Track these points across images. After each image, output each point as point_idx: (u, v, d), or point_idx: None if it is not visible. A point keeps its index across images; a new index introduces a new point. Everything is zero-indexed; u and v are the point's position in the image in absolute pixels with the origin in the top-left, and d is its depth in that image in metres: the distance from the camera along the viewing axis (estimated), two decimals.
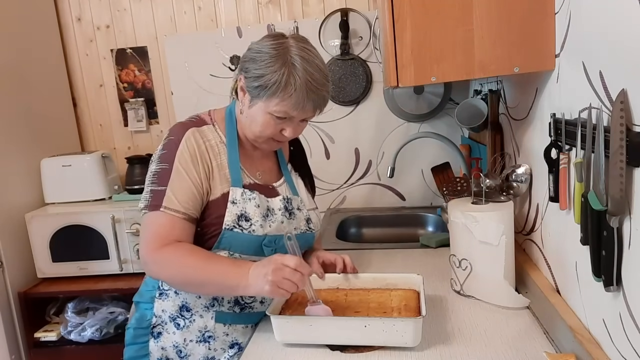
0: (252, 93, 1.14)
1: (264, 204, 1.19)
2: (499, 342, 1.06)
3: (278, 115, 1.13)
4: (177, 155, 1.13)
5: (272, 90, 1.09)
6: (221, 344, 1.24)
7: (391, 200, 2.42)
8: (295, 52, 1.10)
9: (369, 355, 1.06)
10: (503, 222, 1.18)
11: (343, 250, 1.76)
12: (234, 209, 1.15)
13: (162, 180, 1.12)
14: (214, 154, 1.18)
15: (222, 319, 1.22)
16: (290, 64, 1.08)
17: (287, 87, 1.08)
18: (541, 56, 1.07)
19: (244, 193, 1.17)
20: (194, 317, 1.22)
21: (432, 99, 2.25)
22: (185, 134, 1.15)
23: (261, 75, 1.09)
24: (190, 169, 1.13)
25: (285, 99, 1.09)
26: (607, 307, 0.84)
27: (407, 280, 1.24)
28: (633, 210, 0.74)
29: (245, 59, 1.15)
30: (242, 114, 1.19)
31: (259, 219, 1.16)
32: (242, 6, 2.37)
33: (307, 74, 1.09)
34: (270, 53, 1.10)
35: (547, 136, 1.08)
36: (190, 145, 1.14)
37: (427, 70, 1.12)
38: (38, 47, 2.32)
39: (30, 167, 2.21)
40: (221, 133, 1.21)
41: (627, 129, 0.72)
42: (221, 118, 1.24)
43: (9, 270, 2.03)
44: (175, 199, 1.10)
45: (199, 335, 1.23)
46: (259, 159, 1.28)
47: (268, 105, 1.12)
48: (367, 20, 2.26)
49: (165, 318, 1.23)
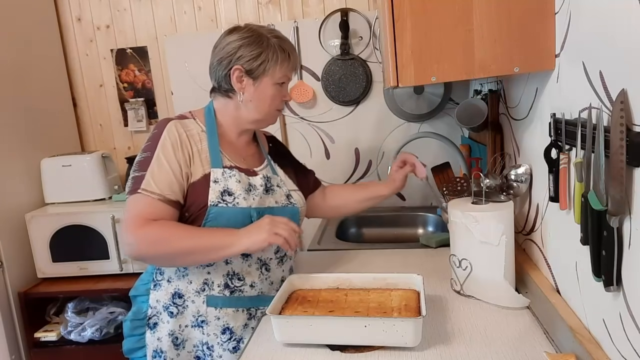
0: (255, 73, 1.24)
1: (244, 180, 1.26)
2: (499, 342, 1.06)
3: (281, 82, 1.28)
4: (159, 144, 1.20)
5: (274, 59, 1.24)
6: (214, 328, 1.27)
7: (391, 200, 2.42)
8: (263, 29, 1.27)
9: (369, 355, 1.06)
10: (503, 222, 1.18)
11: (343, 250, 1.77)
12: (217, 186, 1.22)
13: (143, 167, 1.19)
14: (194, 141, 1.25)
15: (213, 303, 1.26)
16: (270, 37, 1.25)
17: (280, 53, 1.25)
18: (541, 56, 1.07)
19: (224, 172, 1.24)
20: (186, 302, 1.26)
21: (432, 99, 2.25)
22: (167, 126, 1.23)
23: (260, 53, 1.23)
24: (170, 155, 1.19)
25: (284, 64, 1.26)
26: (607, 307, 0.84)
27: (407, 280, 1.24)
28: (633, 210, 0.74)
29: (231, 52, 1.24)
30: (245, 102, 1.27)
31: (242, 192, 1.23)
32: (242, 6, 2.37)
33: (284, 40, 1.28)
34: (252, 36, 1.24)
35: (547, 136, 1.08)
36: (172, 134, 1.22)
37: (427, 70, 1.12)
38: (38, 47, 2.32)
39: (30, 167, 2.21)
40: (201, 124, 1.29)
41: (627, 129, 0.72)
42: (200, 114, 1.32)
43: (9, 270, 2.03)
44: (153, 181, 1.17)
45: (193, 320, 1.27)
46: (243, 146, 1.36)
47: (274, 76, 1.26)
48: (367, 20, 2.26)
49: (160, 308, 1.27)
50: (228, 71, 1.25)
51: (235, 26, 1.29)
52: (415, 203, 2.39)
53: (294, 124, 2.41)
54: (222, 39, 1.27)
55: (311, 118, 2.39)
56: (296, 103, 2.37)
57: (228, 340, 1.28)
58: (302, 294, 1.24)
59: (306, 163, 2.41)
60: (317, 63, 2.33)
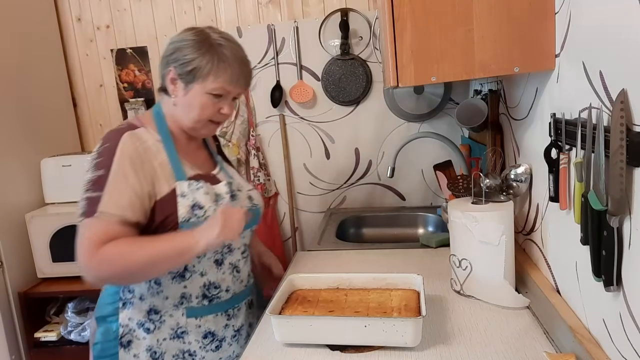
0: (186, 79, 1.18)
1: (211, 190, 1.22)
2: (499, 342, 1.06)
3: (215, 93, 1.18)
4: (114, 161, 1.12)
5: (208, 69, 1.16)
6: (195, 335, 1.25)
7: (391, 200, 2.42)
8: (216, 35, 1.19)
9: (369, 355, 1.06)
10: (503, 222, 1.18)
11: (343, 250, 1.77)
12: (185, 201, 1.17)
13: (98, 187, 1.11)
14: (152, 154, 1.18)
15: (192, 314, 1.24)
16: (216, 44, 1.17)
17: (220, 63, 1.16)
18: (541, 56, 1.07)
19: (190, 184, 1.19)
20: (163, 317, 1.22)
21: (432, 99, 2.25)
22: (121, 139, 1.14)
23: (193, 59, 1.16)
24: (129, 173, 1.12)
25: (220, 75, 1.17)
26: (607, 307, 0.84)
27: (407, 280, 1.24)
28: (633, 210, 0.74)
29: (169, 52, 1.19)
30: (177, 105, 1.22)
31: (211, 204, 1.19)
32: (242, 6, 2.37)
33: (234, 51, 1.19)
34: (194, 39, 1.17)
35: (547, 136, 1.08)
36: (128, 150, 1.14)
37: (427, 70, 1.12)
38: (38, 47, 2.32)
39: (30, 167, 2.21)
40: (154, 132, 1.22)
41: (627, 128, 0.72)
42: (149, 120, 1.25)
43: (9, 270, 2.03)
44: (112, 202, 1.10)
45: (171, 332, 1.23)
46: (194, 151, 1.31)
47: (205, 86, 1.17)
48: (367, 20, 2.26)
49: (133, 326, 1.23)
50: (164, 71, 1.21)
51: (192, 27, 1.23)
52: (415, 203, 2.39)
53: (294, 124, 2.41)
54: (173, 36, 1.23)
55: (311, 118, 2.39)
56: (296, 103, 2.37)
57: (210, 343, 1.27)
58: (302, 294, 1.24)
59: (306, 163, 2.44)
60: (317, 63, 2.33)
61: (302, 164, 2.44)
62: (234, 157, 2.39)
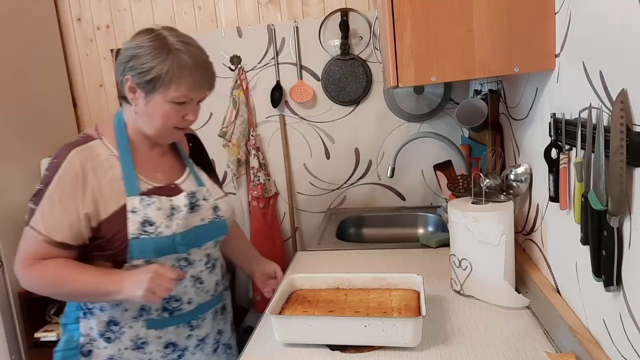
0: (146, 88, 1.12)
1: (166, 204, 1.17)
2: (499, 342, 1.06)
3: (178, 101, 1.13)
4: (54, 179, 1.10)
5: (169, 78, 1.10)
6: (156, 346, 1.23)
7: (391, 200, 2.42)
8: (174, 39, 1.12)
9: (369, 355, 1.06)
10: (503, 222, 1.18)
11: (343, 250, 1.77)
12: (135, 217, 1.14)
13: (36, 200, 1.12)
14: (102, 171, 1.14)
15: (153, 325, 1.21)
16: (175, 49, 1.10)
17: (181, 71, 1.10)
18: (541, 56, 1.07)
19: (142, 200, 1.15)
20: (123, 329, 1.20)
21: (432, 99, 2.25)
22: (67, 156, 1.12)
23: (151, 68, 1.09)
24: (64, 196, 1.10)
25: (182, 82, 1.11)
26: (607, 307, 0.84)
27: (407, 280, 1.24)
28: (633, 210, 0.74)
29: (125, 59, 1.13)
30: (138, 114, 1.17)
31: (163, 220, 1.15)
32: (242, 6, 2.37)
33: (194, 55, 1.12)
34: (152, 45, 1.10)
35: (547, 136, 1.08)
36: (71, 170, 1.11)
37: (427, 70, 1.12)
38: (38, 47, 2.32)
39: (30, 167, 2.21)
40: (110, 145, 1.18)
41: (627, 128, 0.72)
42: (109, 130, 1.21)
43: (9, 270, 2.03)
44: (42, 221, 1.10)
45: (131, 344, 1.22)
46: (158, 158, 1.26)
47: (167, 94, 1.12)
48: (367, 20, 2.26)
49: (94, 335, 1.21)
50: (122, 78, 1.14)
51: (148, 29, 1.15)
52: (415, 203, 2.39)
53: (294, 124, 2.41)
54: (129, 40, 1.15)
55: (311, 118, 2.39)
56: (296, 103, 2.37)
57: (172, 352, 1.25)
58: (302, 294, 1.24)
59: (306, 163, 2.44)
60: (317, 63, 2.33)
61: (302, 164, 2.44)
62: (234, 157, 2.38)
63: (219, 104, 2.40)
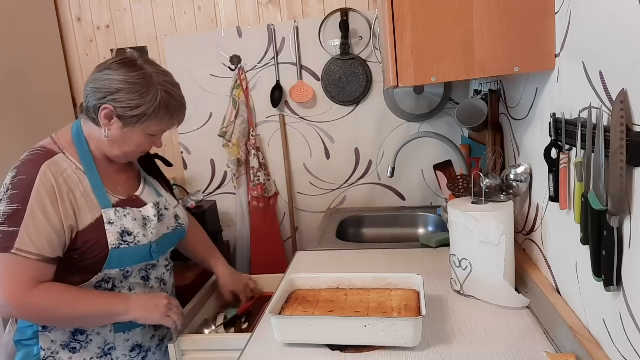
0: (128, 121, 1.16)
1: (138, 215, 1.23)
2: (499, 342, 1.06)
3: (154, 134, 1.22)
4: (32, 195, 1.08)
5: (153, 115, 1.16)
6: (123, 350, 1.26)
7: (391, 200, 2.42)
8: (159, 78, 1.17)
9: (369, 355, 1.06)
10: (503, 222, 1.18)
11: (343, 250, 1.77)
12: (113, 228, 1.17)
13: (14, 222, 1.07)
14: (74, 184, 1.15)
15: (121, 329, 1.25)
16: (160, 89, 1.16)
17: (165, 110, 1.17)
18: (541, 56, 1.07)
19: (117, 211, 1.19)
20: (90, 337, 1.22)
21: (432, 99, 2.25)
22: (39, 172, 1.11)
23: (138, 105, 1.14)
24: (48, 209, 1.09)
25: (163, 120, 1.19)
26: (607, 307, 0.84)
27: (407, 280, 1.24)
28: (633, 210, 0.74)
29: (108, 90, 1.14)
30: (108, 139, 1.19)
31: (140, 229, 1.21)
32: (242, 6, 2.37)
33: (175, 94, 1.20)
34: (139, 83, 1.14)
35: (547, 136, 1.08)
36: (47, 183, 1.10)
37: (427, 70, 1.12)
38: (38, 47, 2.32)
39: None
40: (74, 159, 1.18)
41: (627, 128, 0.72)
42: (68, 142, 1.21)
43: None
44: (30, 240, 1.07)
45: (98, 351, 1.23)
46: (116, 172, 1.28)
47: (147, 128, 1.19)
48: (367, 20, 2.26)
49: (57, 348, 1.20)
50: (100, 104, 1.15)
51: (130, 60, 1.17)
52: (415, 203, 2.39)
53: (294, 124, 2.41)
54: (107, 68, 1.16)
55: (311, 118, 2.39)
56: (296, 103, 2.38)
57: (137, 355, 1.29)
58: (302, 294, 1.24)
59: (306, 163, 2.44)
60: (317, 63, 2.33)
61: (302, 164, 2.44)
62: (234, 157, 2.39)
63: (219, 104, 2.40)
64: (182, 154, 2.51)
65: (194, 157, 2.51)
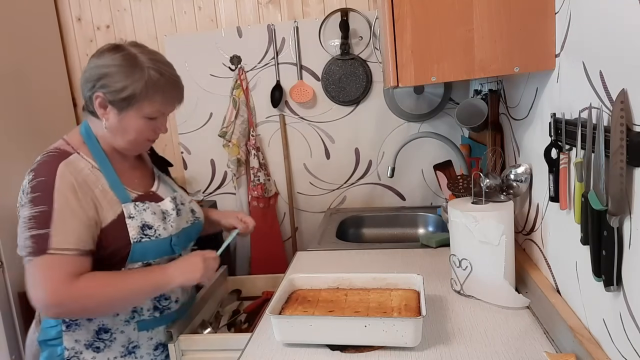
0: (119, 105, 1.15)
1: (157, 209, 1.23)
2: (499, 342, 1.06)
3: (151, 117, 1.19)
4: (55, 194, 1.09)
5: (143, 95, 1.14)
6: (146, 349, 1.27)
7: (391, 200, 2.42)
8: (143, 56, 1.16)
9: (369, 355, 1.06)
10: (503, 222, 1.18)
11: (343, 250, 1.77)
12: (134, 222, 1.17)
13: (43, 224, 1.07)
14: (92, 182, 1.15)
15: (144, 327, 1.25)
16: (146, 67, 1.15)
17: (155, 88, 1.15)
18: (541, 56, 1.07)
19: (136, 206, 1.19)
20: (114, 335, 1.21)
21: (432, 99, 2.25)
22: (57, 172, 1.11)
23: (125, 86, 1.13)
24: (73, 205, 1.10)
25: (155, 99, 1.16)
26: (607, 307, 0.84)
27: (407, 280, 1.24)
28: (633, 210, 0.74)
29: (95, 77, 1.14)
30: (109, 129, 1.19)
31: (160, 223, 1.21)
32: (242, 6, 2.37)
33: (164, 72, 1.17)
34: (122, 64, 1.14)
35: (547, 136, 1.08)
36: (67, 182, 1.11)
37: (427, 70, 1.12)
38: (38, 47, 2.32)
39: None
40: (88, 158, 1.18)
41: (627, 128, 0.72)
42: (80, 142, 1.21)
43: (9, 270, 2.03)
44: (63, 238, 1.07)
45: (122, 350, 1.23)
46: (130, 170, 1.28)
47: (141, 111, 1.16)
48: (367, 20, 2.26)
49: (80, 348, 1.20)
50: (91, 93, 1.16)
51: (116, 45, 1.18)
52: (415, 203, 2.39)
53: (294, 124, 2.41)
54: (95, 56, 1.17)
55: (311, 118, 2.40)
56: (296, 103, 2.38)
57: (161, 353, 1.29)
58: (302, 294, 1.24)
59: (306, 163, 2.44)
60: (317, 63, 2.33)
61: (302, 164, 2.45)
62: (234, 157, 2.39)
63: (219, 104, 2.40)
64: (182, 154, 2.51)
65: (194, 157, 2.51)
